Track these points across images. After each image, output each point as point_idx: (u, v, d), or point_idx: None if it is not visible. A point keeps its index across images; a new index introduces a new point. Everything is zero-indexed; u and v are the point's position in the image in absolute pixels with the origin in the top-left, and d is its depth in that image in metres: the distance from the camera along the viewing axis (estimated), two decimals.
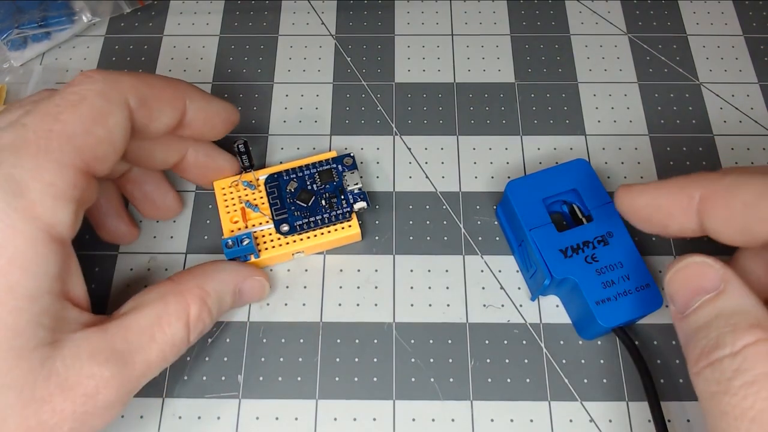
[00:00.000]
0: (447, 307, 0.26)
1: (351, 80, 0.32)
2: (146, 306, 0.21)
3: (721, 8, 0.34)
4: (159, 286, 0.22)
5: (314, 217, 0.26)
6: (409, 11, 0.34)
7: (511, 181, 0.26)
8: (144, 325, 0.21)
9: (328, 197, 0.27)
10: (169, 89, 0.23)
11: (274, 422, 0.24)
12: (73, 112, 0.20)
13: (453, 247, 0.28)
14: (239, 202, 0.27)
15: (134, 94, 0.21)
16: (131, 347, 0.20)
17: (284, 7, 0.34)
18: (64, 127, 0.19)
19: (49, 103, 0.20)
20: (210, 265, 0.24)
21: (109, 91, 0.21)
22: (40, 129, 0.19)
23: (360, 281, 0.27)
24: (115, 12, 0.33)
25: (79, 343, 0.19)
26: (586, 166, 0.26)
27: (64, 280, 0.20)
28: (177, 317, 0.22)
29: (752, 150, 0.30)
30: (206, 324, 0.23)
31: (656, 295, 0.24)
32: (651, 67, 0.32)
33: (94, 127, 0.20)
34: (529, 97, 0.31)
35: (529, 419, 0.24)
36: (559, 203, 0.27)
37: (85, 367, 0.19)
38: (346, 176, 0.27)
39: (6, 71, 0.32)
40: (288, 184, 0.27)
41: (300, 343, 0.26)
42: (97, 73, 0.21)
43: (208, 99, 0.24)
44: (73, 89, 0.20)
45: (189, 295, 0.22)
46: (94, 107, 0.20)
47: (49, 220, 0.19)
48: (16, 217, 0.18)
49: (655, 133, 0.30)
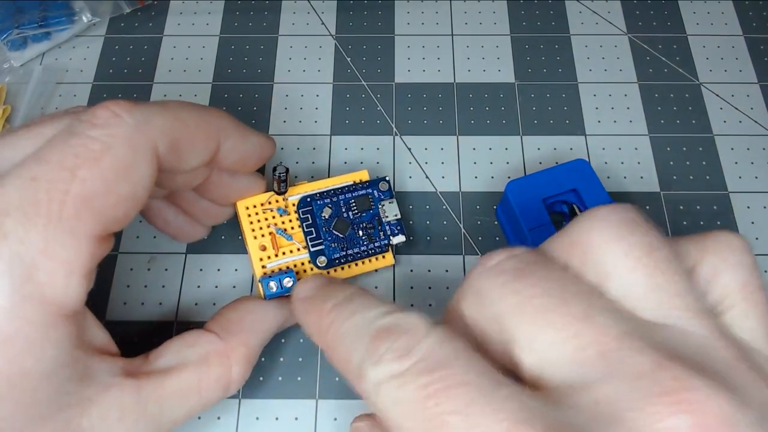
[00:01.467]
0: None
1: (351, 80, 0.32)
2: (186, 366, 0.20)
3: (721, 8, 0.34)
4: (202, 340, 0.21)
5: (352, 249, 0.25)
6: (409, 11, 0.34)
7: (511, 181, 0.26)
8: (181, 388, 0.20)
9: (365, 227, 0.26)
10: (204, 129, 0.20)
11: (274, 422, 0.24)
12: (94, 166, 0.17)
13: (453, 247, 0.28)
14: (267, 226, 0.25)
15: (165, 138, 0.19)
16: (163, 408, 0.19)
17: (284, 7, 0.34)
18: (81, 187, 0.17)
19: (66, 149, 0.17)
20: (250, 314, 0.23)
21: (137, 138, 0.18)
22: (54, 189, 0.16)
23: (360, 281, 0.27)
24: (115, 12, 0.33)
25: (110, 403, 0.18)
26: (586, 167, 0.26)
27: (83, 342, 0.18)
28: (217, 380, 0.21)
29: (752, 150, 0.30)
30: (246, 378, 0.22)
31: None
32: (651, 67, 0.32)
33: (116, 184, 0.17)
34: (529, 97, 0.31)
35: None
36: (559, 203, 0.27)
37: (113, 427, 0.18)
38: (384, 205, 0.26)
39: (6, 71, 0.32)
40: (322, 210, 0.26)
41: (300, 343, 0.26)
42: (125, 110, 0.18)
43: (245, 135, 0.22)
44: (96, 133, 0.17)
45: (233, 355, 0.21)
46: (118, 160, 0.17)
47: (61, 302, 0.17)
48: (25, 306, 0.16)
49: (655, 133, 0.30)
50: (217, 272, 0.27)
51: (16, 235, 0.16)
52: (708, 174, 0.29)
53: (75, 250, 0.17)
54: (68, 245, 0.16)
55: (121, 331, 0.25)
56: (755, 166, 0.30)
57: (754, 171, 0.30)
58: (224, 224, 0.28)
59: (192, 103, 0.21)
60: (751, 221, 0.28)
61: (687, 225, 0.28)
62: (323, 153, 0.30)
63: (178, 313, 0.26)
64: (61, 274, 0.16)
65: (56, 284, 0.16)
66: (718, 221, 0.28)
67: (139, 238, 0.28)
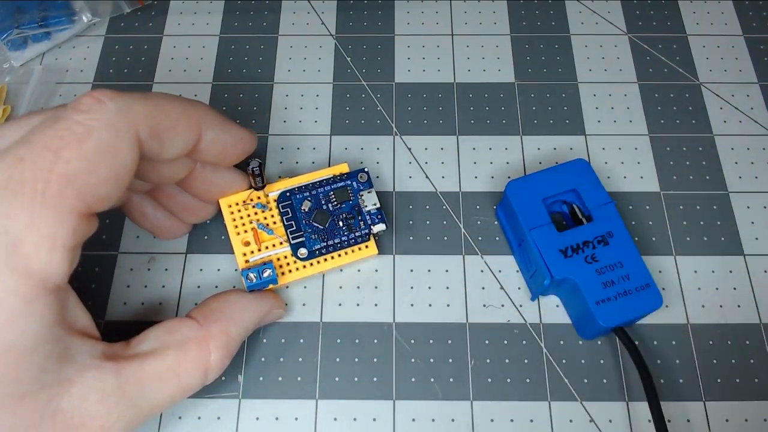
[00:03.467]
0: (447, 307, 0.26)
1: (351, 80, 0.32)
2: (166, 350, 0.21)
3: (721, 8, 0.34)
4: (183, 327, 0.22)
5: (332, 240, 0.26)
6: (409, 11, 0.34)
7: (511, 181, 0.26)
8: (160, 371, 0.20)
9: (345, 218, 0.26)
10: (184, 118, 0.21)
11: (274, 422, 0.24)
12: (77, 147, 0.18)
13: (453, 247, 0.28)
14: (249, 222, 0.26)
15: (146, 124, 0.19)
16: (143, 391, 0.20)
17: (284, 7, 0.34)
18: (65, 167, 0.17)
19: (51, 133, 0.18)
20: (232, 303, 0.23)
21: (119, 122, 0.19)
22: (39, 168, 0.17)
23: (360, 281, 0.27)
24: (115, 12, 0.33)
25: (90, 384, 0.19)
26: (586, 166, 0.26)
27: (65, 320, 0.19)
28: (196, 365, 0.21)
29: (752, 150, 0.30)
30: (226, 366, 0.22)
31: (656, 295, 0.24)
32: (651, 67, 0.32)
33: (98, 165, 0.18)
34: (529, 97, 0.31)
35: (529, 419, 0.24)
36: (559, 203, 0.27)
37: (92, 408, 0.19)
38: (363, 195, 0.26)
39: (6, 71, 0.32)
40: (302, 203, 0.26)
41: (300, 343, 0.26)
42: (107, 97, 0.19)
43: (225, 127, 0.23)
44: (79, 117, 0.18)
45: (212, 341, 0.22)
46: (101, 142, 0.18)
47: (44, 274, 0.17)
48: (10, 276, 0.17)
49: (655, 133, 0.30)
50: (216, 272, 0.27)
51: (2, 210, 0.17)
52: (708, 174, 0.29)
53: (58, 225, 0.17)
54: (52, 221, 0.17)
55: (121, 331, 0.25)
56: (755, 166, 0.30)
57: (754, 171, 0.30)
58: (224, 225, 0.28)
59: (175, 95, 0.21)
60: (751, 221, 0.28)
61: (687, 225, 0.28)
62: (323, 153, 0.30)
63: (178, 314, 0.26)
64: (45, 247, 0.17)
65: (40, 257, 0.17)
66: (718, 221, 0.28)
67: (139, 238, 0.28)
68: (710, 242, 0.28)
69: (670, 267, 0.27)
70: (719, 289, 0.27)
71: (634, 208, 0.29)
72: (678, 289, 0.27)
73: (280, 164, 0.30)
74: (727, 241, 0.28)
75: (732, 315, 0.26)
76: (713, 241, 0.28)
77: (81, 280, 0.27)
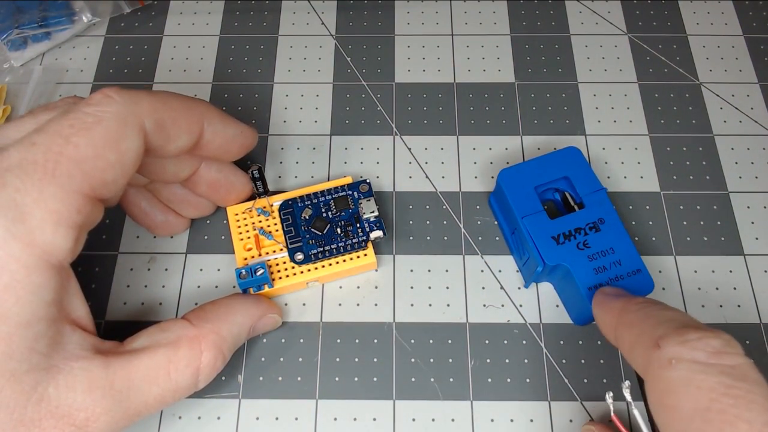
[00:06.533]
0: (447, 307, 0.26)
1: (351, 80, 0.32)
2: (157, 348, 0.21)
3: (721, 8, 0.34)
4: (176, 326, 0.22)
5: (329, 245, 0.26)
6: (409, 11, 0.34)
7: (503, 170, 0.26)
8: (150, 367, 0.20)
9: (343, 225, 0.26)
10: (187, 112, 0.22)
11: (274, 422, 0.24)
12: (85, 134, 0.19)
13: (453, 247, 0.28)
14: (253, 228, 0.26)
15: (152, 117, 0.21)
16: (131, 387, 0.20)
17: (284, 7, 0.34)
18: (74, 151, 0.19)
19: (62, 121, 0.19)
20: (226, 306, 0.24)
21: (126, 113, 0.20)
22: (50, 151, 0.18)
23: (360, 281, 0.27)
24: (115, 12, 0.33)
25: (77, 374, 0.19)
26: (577, 154, 0.26)
27: (62, 304, 0.19)
28: (187, 363, 0.21)
29: (752, 150, 0.30)
30: (219, 369, 0.22)
31: (647, 280, 0.24)
32: (651, 67, 0.32)
33: (105, 151, 0.19)
34: (529, 97, 0.31)
35: (529, 419, 0.24)
36: (551, 191, 0.27)
37: (78, 399, 0.19)
38: (362, 204, 0.26)
39: (6, 71, 0.32)
40: (303, 211, 0.26)
41: (300, 343, 0.26)
42: (115, 93, 0.20)
43: (226, 122, 0.24)
44: (89, 109, 0.19)
45: (204, 341, 0.22)
46: (108, 131, 0.19)
47: (47, 248, 0.18)
48: (14, 243, 0.18)
49: (655, 133, 0.30)
50: (217, 272, 0.27)
51: (13, 184, 0.18)
52: (708, 174, 0.29)
53: (64, 202, 0.18)
54: (59, 198, 0.18)
55: (121, 330, 0.25)
56: (755, 166, 0.30)
57: (754, 171, 0.30)
58: (224, 225, 0.28)
59: (178, 93, 0.23)
60: (751, 221, 0.28)
61: (687, 225, 0.28)
62: (323, 153, 0.30)
63: (178, 314, 0.26)
64: (50, 221, 0.18)
65: (45, 230, 0.18)
66: (718, 221, 0.28)
67: (139, 238, 0.28)
68: (710, 242, 0.28)
69: (670, 267, 0.27)
70: (719, 289, 0.27)
71: (634, 208, 0.29)
72: (678, 289, 0.27)
73: (280, 164, 0.30)
74: (727, 241, 0.28)
75: (732, 315, 0.26)
76: (713, 241, 0.28)
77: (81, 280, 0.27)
